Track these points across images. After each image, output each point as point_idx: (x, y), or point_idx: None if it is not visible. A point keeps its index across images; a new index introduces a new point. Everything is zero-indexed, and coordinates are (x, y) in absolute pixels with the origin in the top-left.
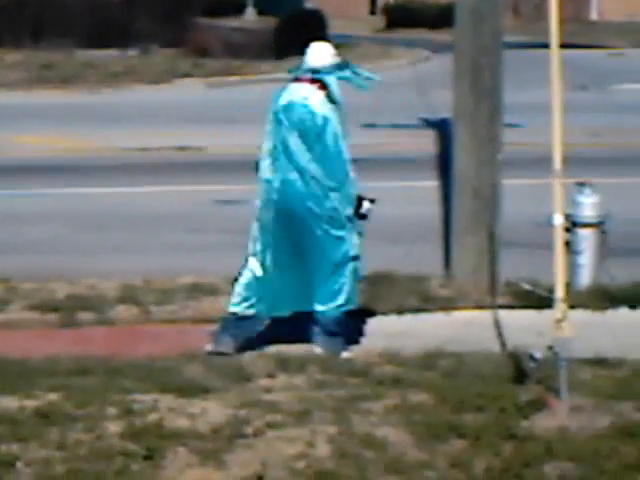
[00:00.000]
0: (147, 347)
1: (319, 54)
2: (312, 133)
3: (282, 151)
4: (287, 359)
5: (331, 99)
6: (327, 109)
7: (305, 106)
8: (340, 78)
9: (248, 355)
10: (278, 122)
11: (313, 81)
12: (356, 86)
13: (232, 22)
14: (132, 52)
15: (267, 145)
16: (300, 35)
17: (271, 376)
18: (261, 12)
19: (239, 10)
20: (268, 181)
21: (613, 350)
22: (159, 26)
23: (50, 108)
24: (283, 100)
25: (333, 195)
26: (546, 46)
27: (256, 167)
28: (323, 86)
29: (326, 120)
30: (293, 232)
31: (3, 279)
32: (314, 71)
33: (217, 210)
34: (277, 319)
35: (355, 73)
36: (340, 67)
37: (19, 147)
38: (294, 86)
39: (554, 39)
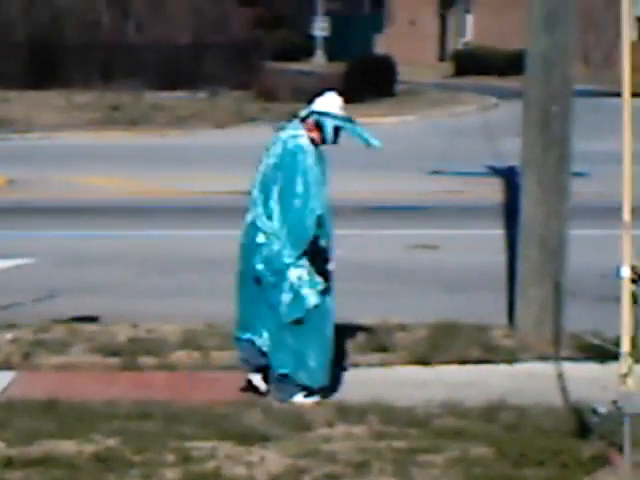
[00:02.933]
0: (207, 393)
1: (326, 101)
2: (283, 167)
3: (258, 186)
4: (347, 408)
5: (315, 144)
6: (305, 147)
7: (287, 141)
8: (341, 127)
9: (308, 403)
10: (265, 157)
11: (310, 125)
12: (357, 137)
13: (301, 66)
14: (200, 95)
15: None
16: (370, 80)
17: (331, 425)
18: (331, 57)
19: (308, 54)
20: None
21: None
22: (228, 69)
23: (118, 149)
24: (273, 138)
25: (281, 238)
26: (616, 95)
27: None
28: (312, 130)
29: (295, 154)
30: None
31: (66, 321)
32: (317, 113)
33: None
34: None
35: (355, 128)
36: (344, 120)
37: (86, 188)
38: (292, 125)
39: (626, 87)
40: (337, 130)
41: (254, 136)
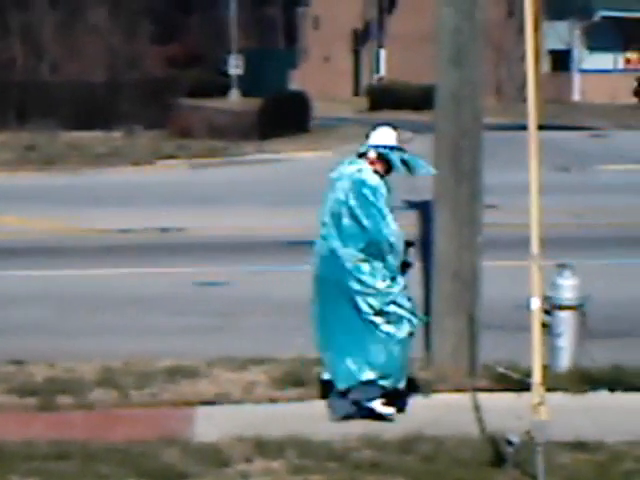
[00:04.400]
0: (125, 431)
1: (384, 134)
2: (358, 201)
3: (329, 219)
4: (265, 443)
5: (381, 175)
6: (375, 181)
7: (352, 175)
8: (402, 159)
9: (227, 439)
10: (330, 191)
11: (372, 158)
12: (413, 170)
13: (216, 103)
14: (116, 134)
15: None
16: (284, 116)
17: (249, 460)
18: (245, 93)
19: (223, 92)
20: (315, 246)
21: (592, 433)
22: (143, 108)
23: (33, 189)
24: (336, 172)
25: (366, 264)
26: (527, 127)
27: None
28: (375, 163)
29: (374, 190)
30: (331, 302)
31: None
32: (376, 147)
33: (198, 292)
34: None
35: (412, 159)
36: (401, 150)
37: (2, 228)
38: (353, 160)
39: (532, 120)
40: (403, 161)
41: (170, 174)
